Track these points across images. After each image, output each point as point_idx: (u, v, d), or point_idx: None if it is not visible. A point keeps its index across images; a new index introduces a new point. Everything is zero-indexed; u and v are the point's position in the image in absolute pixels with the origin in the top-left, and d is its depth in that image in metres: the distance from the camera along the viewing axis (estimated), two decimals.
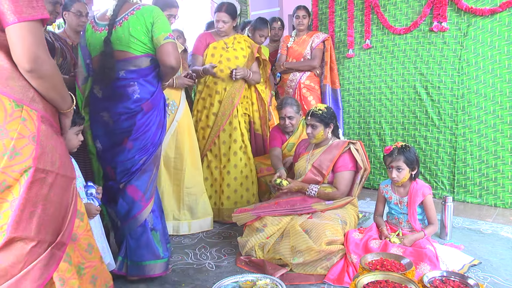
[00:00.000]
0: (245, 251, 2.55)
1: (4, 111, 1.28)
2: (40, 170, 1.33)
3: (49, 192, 1.36)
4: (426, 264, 2.16)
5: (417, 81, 3.76)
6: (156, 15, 2.16)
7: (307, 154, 2.85)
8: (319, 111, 2.74)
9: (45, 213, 1.36)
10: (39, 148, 1.33)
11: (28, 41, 1.25)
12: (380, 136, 4.05)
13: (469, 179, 3.57)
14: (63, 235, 1.42)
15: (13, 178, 1.29)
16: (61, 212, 1.42)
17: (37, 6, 1.26)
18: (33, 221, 1.33)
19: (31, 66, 1.28)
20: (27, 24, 1.24)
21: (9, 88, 1.30)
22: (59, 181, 1.39)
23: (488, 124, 3.44)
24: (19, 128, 1.30)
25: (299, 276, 2.32)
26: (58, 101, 1.43)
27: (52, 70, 1.33)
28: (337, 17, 4.21)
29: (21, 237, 1.32)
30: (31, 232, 1.33)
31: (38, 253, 1.35)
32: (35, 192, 1.33)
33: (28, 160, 1.30)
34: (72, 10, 2.87)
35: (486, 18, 3.37)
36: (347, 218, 2.53)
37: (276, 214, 2.57)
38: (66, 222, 1.43)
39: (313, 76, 3.94)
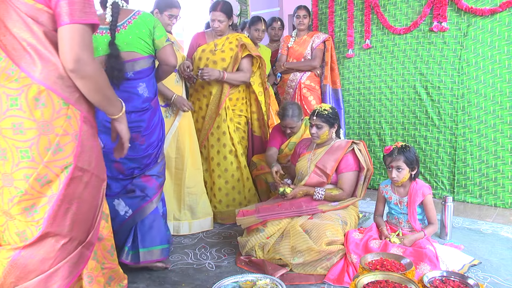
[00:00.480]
0: (245, 251, 2.54)
1: (53, 108, 1.37)
2: (79, 168, 1.41)
3: (84, 190, 1.44)
4: (426, 264, 2.16)
5: (417, 81, 3.76)
6: (155, 20, 2.32)
7: (308, 154, 2.83)
8: (325, 111, 2.72)
9: (79, 211, 1.43)
10: (79, 147, 1.41)
11: (75, 42, 1.32)
12: (380, 136, 4.05)
13: (469, 179, 3.57)
14: (92, 235, 1.49)
15: (55, 174, 1.37)
16: (92, 211, 1.49)
17: (89, 12, 1.36)
18: (67, 218, 1.40)
19: (74, 66, 1.33)
20: (77, 26, 1.33)
21: (59, 86, 1.37)
22: (93, 181, 1.47)
23: (488, 124, 3.44)
24: (64, 125, 1.38)
25: (299, 276, 2.32)
26: (104, 105, 1.50)
27: (95, 72, 1.39)
28: (337, 17, 4.21)
29: (54, 233, 1.38)
30: (64, 228, 1.40)
31: (68, 251, 1.42)
32: (73, 189, 1.40)
33: (70, 157, 1.39)
34: None
35: (486, 18, 3.37)
36: (347, 218, 2.53)
37: (282, 217, 2.54)
38: (95, 222, 1.50)
39: (313, 76, 3.94)
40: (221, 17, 3.13)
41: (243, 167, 3.27)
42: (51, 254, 1.39)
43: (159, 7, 2.93)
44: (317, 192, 2.67)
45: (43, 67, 1.34)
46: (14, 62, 1.34)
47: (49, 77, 1.35)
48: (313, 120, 2.74)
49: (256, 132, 3.44)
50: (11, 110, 1.34)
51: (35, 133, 1.34)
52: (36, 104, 1.34)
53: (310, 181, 2.73)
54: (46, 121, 1.35)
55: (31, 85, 1.34)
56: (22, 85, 1.34)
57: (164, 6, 2.92)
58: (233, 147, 3.23)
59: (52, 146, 1.36)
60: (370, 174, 2.75)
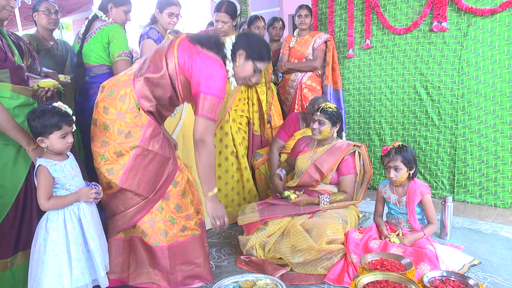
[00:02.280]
0: (246, 250, 2.54)
1: (128, 104, 1.99)
2: (144, 149, 1.99)
3: (149, 164, 2.01)
4: (426, 264, 2.16)
5: (417, 81, 3.76)
6: (112, 35, 2.66)
7: (309, 152, 2.83)
8: (329, 109, 2.74)
9: (144, 177, 2.02)
10: (145, 135, 1.99)
11: (203, 129, 1.97)
12: (380, 136, 4.05)
13: (469, 179, 3.57)
14: (155, 194, 2.06)
15: (125, 150, 1.98)
16: (157, 179, 2.05)
17: (216, 112, 1.96)
18: (135, 180, 2.01)
19: (197, 142, 1.99)
20: (204, 118, 1.95)
21: (145, 97, 2.00)
22: (158, 158, 2.03)
23: (488, 124, 3.44)
24: (135, 119, 1.99)
25: (299, 276, 2.32)
26: (202, 177, 2.07)
27: (206, 154, 2.01)
28: (337, 17, 4.21)
29: (126, 188, 2.02)
30: (133, 186, 2.01)
31: (137, 201, 2.05)
32: (138, 162, 2.00)
33: (137, 141, 1.98)
34: (41, 9, 2.85)
35: (486, 18, 3.37)
36: (348, 217, 2.53)
37: (282, 216, 2.53)
38: (159, 185, 2.05)
39: (314, 76, 3.93)
40: (225, 18, 3.12)
41: (243, 168, 3.26)
42: (124, 201, 2.05)
43: (159, 6, 2.93)
44: (322, 200, 2.64)
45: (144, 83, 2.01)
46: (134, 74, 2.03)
47: (145, 94, 2.00)
48: (316, 115, 2.75)
49: (256, 131, 3.44)
50: (107, 97, 2.02)
51: (113, 116, 1.99)
52: (120, 99, 1.99)
53: (303, 178, 2.74)
54: (122, 112, 1.98)
55: (126, 88, 2.00)
56: (123, 85, 2.02)
57: (163, 5, 2.92)
58: (235, 148, 3.23)
59: (125, 132, 1.97)
60: (369, 177, 2.75)
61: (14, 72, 1.95)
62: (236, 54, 2.05)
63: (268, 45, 2.19)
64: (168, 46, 2.01)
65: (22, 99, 1.97)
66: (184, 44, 2.00)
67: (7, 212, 1.91)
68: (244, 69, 2.07)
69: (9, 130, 1.81)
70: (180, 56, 1.96)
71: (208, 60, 1.96)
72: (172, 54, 1.97)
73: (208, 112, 1.93)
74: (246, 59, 2.06)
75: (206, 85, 1.91)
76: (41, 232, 1.81)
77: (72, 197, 1.86)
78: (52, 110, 1.80)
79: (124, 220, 2.08)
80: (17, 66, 1.99)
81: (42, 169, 1.80)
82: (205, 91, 1.91)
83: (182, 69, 1.96)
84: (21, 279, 1.95)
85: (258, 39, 2.16)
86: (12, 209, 1.92)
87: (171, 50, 1.98)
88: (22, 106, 1.97)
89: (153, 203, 2.06)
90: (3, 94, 1.90)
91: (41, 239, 1.80)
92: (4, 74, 1.91)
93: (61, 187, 1.85)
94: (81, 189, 1.89)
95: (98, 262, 1.88)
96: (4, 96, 1.90)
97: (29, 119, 1.80)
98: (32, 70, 2.55)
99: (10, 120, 1.81)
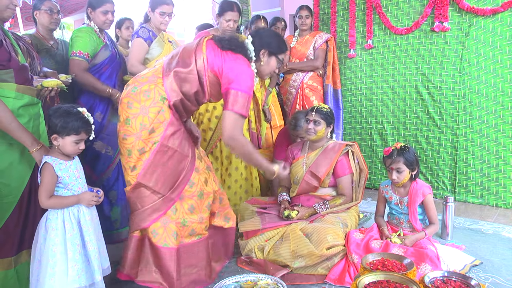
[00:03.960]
0: (244, 253, 2.55)
1: (153, 98, 2.03)
2: (164, 145, 2.01)
3: (168, 160, 2.03)
4: (427, 264, 2.15)
5: (419, 81, 3.76)
6: (71, 38, 2.72)
7: (302, 158, 2.80)
8: (324, 109, 2.73)
9: (163, 173, 2.02)
10: (166, 131, 2.02)
11: (232, 124, 2.03)
12: (382, 136, 4.05)
13: (470, 179, 3.57)
14: (172, 193, 2.05)
15: (148, 146, 2.01)
16: (175, 176, 2.06)
17: (246, 108, 2.03)
18: (153, 176, 2.02)
19: (228, 141, 2.05)
20: (234, 113, 2.01)
21: (173, 90, 2.04)
22: (177, 155, 2.05)
23: (489, 124, 3.44)
24: (158, 115, 2.02)
25: (300, 276, 2.32)
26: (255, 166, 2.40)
27: (241, 148, 2.09)
28: (339, 17, 4.21)
29: (144, 185, 2.03)
30: (150, 182, 2.02)
31: (153, 199, 2.04)
32: (158, 159, 2.01)
33: (158, 137, 2.01)
34: (43, 8, 2.82)
35: (488, 18, 3.37)
36: (348, 220, 2.52)
37: (283, 225, 2.52)
38: (177, 183, 2.06)
39: (316, 76, 3.93)
40: (237, 17, 3.13)
41: (251, 166, 3.27)
42: (141, 199, 2.05)
43: (151, 5, 2.93)
44: (319, 209, 2.63)
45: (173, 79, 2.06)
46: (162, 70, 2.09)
47: (173, 88, 2.04)
48: (311, 116, 2.72)
49: (254, 128, 3.44)
50: (131, 93, 2.06)
51: (136, 110, 2.02)
52: (143, 93, 2.03)
53: (301, 187, 2.73)
54: (145, 106, 2.01)
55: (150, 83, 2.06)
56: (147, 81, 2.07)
57: (155, 4, 2.91)
58: None
59: (149, 128, 2.00)
60: (366, 174, 2.74)
61: (18, 72, 1.95)
62: (259, 54, 2.17)
63: (280, 35, 2.32)
64: (197, 44, 2.11)
65: (26, 99, 1.97)
66: (212, 44, 2.10)
67: (12, 211, 1.92)
68: (270, 65, 2.22)
69: (13, 131, 1.81)
70: (209, 54, 2.06)
71: (238, 59, 2.07)
72: (201, 51, 2.06)
73: (239, 108, 2.00)
74: (269, 56, 2.19)
75: (237, 83, 2.01)
76: (41, 231, 1.81)
77: (73, 199, 1.85)
78: (77, 114, 1.83)
79: (141, 217, 2.08)
80: (22, 66, 1.99)
81: (47, 166, 1.79)
82: (236, 87, 2.00)
83: (211, 67, 2.05)
84: (25, 277, 1.95)
85: (271, 33, 2.26)
86: (16, 208, 1.92)
87: (200, 48, 2.08)
88: (26, 106, 1.97)
89: (170, 202, 2.06)
90: (8, 94, 1.90)
91: (41, 238, 1.80)
92: (9, 74, 1.91)
93: (64, 187, 1.84)
94: (83, 192, 1.88)
95: (95, 266, 1.85)
96: (8, 96, 1.90)
97: (52, 115, 1.81)
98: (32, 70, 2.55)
99: (13, 120, 1.81)
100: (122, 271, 2.13)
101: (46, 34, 2.90)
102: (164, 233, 2.06)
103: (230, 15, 3.12)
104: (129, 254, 2.11)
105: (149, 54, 2.95)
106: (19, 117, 1.88)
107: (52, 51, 2.90)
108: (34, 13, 2.85)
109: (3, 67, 1.88)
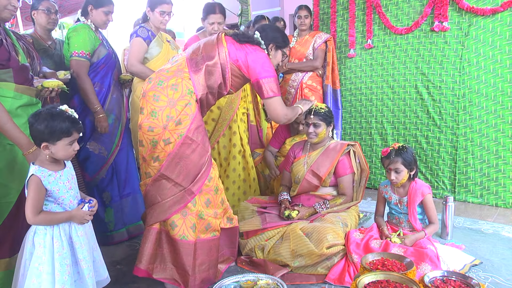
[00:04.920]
0: (245, 252, 2.55)
1: (181, 92, 2.11)
2: (189, 138, 2.08)
3: (191, 154, 2.09)
4: (427, 264, 2.16)
5: (419, 80, 3.76)
6: (69, 35, 2.72)
7: (303, 158, 2.80)
8: (322, 110, 2.70)
9: (185, 166, 2.08)
10: (192, 125, 2.09)
11: (280, 105, 2.29)
12: (382, 136, 4.05)
13: (470, 179, 3.57)
14: (194, 186, 2.10)
15: (173, 138, 2.07)
16: (196, 170, 2.11)
17: (278, 88, 2.26)
18: (176, 168, 2.08)
19: (284, 121, 2.34)
20: (275, 98, 2.26)
21: (200, 85, 2.15)
22: (199, 149, 2.12)
23: (489, 123, 3.44)
24: (185, 107, 2.10)
25: (300, 276, 2.32)
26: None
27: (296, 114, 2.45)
28: (339, 17, 4.21)
29: (166, 176, 2.08)
30: (173, 174, 2.08)
31: (174, 191, 2.10)
32: (183, 151, 2.08)
33: (184, 129, 2.08)
34: (41, 8, 2.80)
35: (487, 18, 3.37)
36: (348, 220, 2.52)
37: (284, 225, 2.53)
38: (198, 177, 2.10)
39: (315, 76, 3.93)
40: (221, 19, 3.11)
41: (250, 167, 3.26)
42: (162, 191, 2.10)
43: (150, 5, 2.93)
44: (319, 209, 2.63)
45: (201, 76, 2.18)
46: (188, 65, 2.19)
47: (201, 83, 2.16)
48: (310, 119, 2.69)
49: (252, 121, 3.44)
50: (157, 86, 2.13)
51: (163, 103, 2.09)
52: (171, 87, 2.11)
53: (302, 186, 2.73)
54: (173, 99, 2.09)
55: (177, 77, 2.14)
56: (173, 75, 2.15)
57: (154, 3, 2.91)
58: (242, 147, 3.23)
59: (176, 120, 2.07)
60: (367, 174, 2.74)
61: (17, 71, 1.94)
62: (268, 48, 2.35)
63: (282, 30, 2.54)
64: (217, 39, 2.27)
65: (25, 99, 1.96)
66: (231, 39, 2.28)
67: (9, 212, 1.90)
68: (276, 58, 2.41)
69: (8, 131, 1.77)
70: (230, 48, 2.23)
71: (257, 50, 2.27)
72: (222, 45, 2.23)
73: (274, 91, 2.23)
74: (276, 49, 2.39)
75: (263, 71, 2.22)
76: (28, 245, 1.65)
77: (64, 216, 1.67)
78: (61, 114, 1.63)
79: (161, 209, 2.11)
80: (21, 65, 1.98)
81: (34, 179, 1.60)
82: (264, 75, 2.21)
83: (233, 59, 2.21)
84: None
85: (275, 28, 2.45)
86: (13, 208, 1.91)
87: (221, 42, 2.24)
88: (25, 106, 1.96)
89: (191, 195, 2.10)
90: (6, 94, 1.89)
91: (27, 252, 1.64)
92: (8, 74, 1.90)
93: (54, 200, 1.67)
94: (76, 209, 1.71)
95: (89, 284, 1.70)
96: (7, 95, 1.89)
97: (34, 122, 1.61)
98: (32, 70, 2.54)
99: (9, 121, 1.76)
100: (140, 267, 2.14)
101: (44, 34, 2.89)
102: (183, 225, 2.10)
103: (213, 18, 3.09)
104: (147, 248, 2.13)
105: (148, 54, 2.95)
106: (17, 117, 1.87)
107: (50, 51, 2.90)
108: (32, 13, 2.84)
109: (2, 67, 1.87)
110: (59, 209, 1.69)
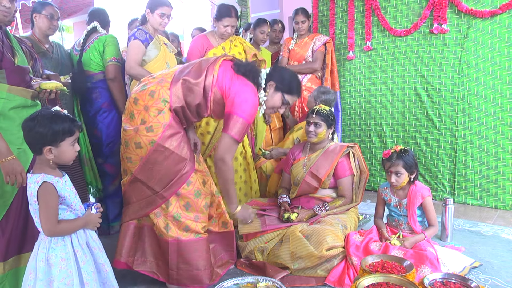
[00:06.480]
0: (244, 254, 2.55)
1: (156, 99, 2.12)
2: (161, 145, 2.09)
3: (164, 160, 2.10)
4: (427, 266, 2.16)
5: (418, 83, 3.76)
6: (106, 43, 3.00)
7: (303, 159, 2.80)
8: (324, 111, 2.72)
9: (157, 171, 2.11)
10: (164, 133, 2.09)
11: (226, 147, 2.15)
12: (381, 138, 4.05)
13: (469, 181, 3.57)
14: (166, 191, 2.13)
15: (144, 143, 2.09)
16: (170, 175, 2.13)
17: (242, 135, 2.13)
18: (148, 173, 2.12)
19: (218, 161, 2.18)
20: (230, 138, 2.12)
21: (176, 97, 2.13)
22: (173, 156, 2.11)
23: (488, 125, 3.44)
24: (158, 115, 2.10)
25: (300, 278, 2.32)
26: (223, 195, 2.35)
27: (226, 171, 2.20)
28: (338, 19, 4.22)
29: (139, 179, 2.14)
30: (145, 178, 2.13)
31: (147, 194, 2.16)
32: (155, 157, 2.10)
33: (156, 136, 2.08)
34: (44, 12, 2.79)
35: (486, 20, 3.38)
36: (347, 222, 2.52)
37: (283, 227, 2.52)
38: (171, 183, 2.12)
39: (314, 78, 3.94)
40: (235, 23, 3.15)
41: (251, 169, 3.26)
42: (138, 194, 2.17)
43: (150, 6, 2.94)
44: (318, 211, 2.63)
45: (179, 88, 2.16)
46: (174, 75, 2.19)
47: (177, 95, 2.13)
48: (312, 118, 2.72)
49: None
50: (139, 90, 2.18)
51: (140, 107, 2.13)
52: (149, 93, 2.14)
53: (301, 187, 2.73)
54: (147, 106, 2.12)
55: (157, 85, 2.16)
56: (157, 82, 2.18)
57: (154, 5, 2.92)
58: (244, 148, 3.23)
59: (147, 126, 2.09)
60: (366, 176, 2.74)
61: (11, 72, 1.90)
62: (267, 85, 2.25)
63: (299, 81, 2.39)
64: (213, 60, 2.21)
65: (18, 100, 1.92)
66: (227, 65, 2.21)
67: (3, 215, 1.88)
68: (273, 99, 2.27)
69: None
70: (220, 73, 2.16)
71: (245, 86, 2.16)
72: (213, 69, 2.16)
73: (236, 133, 2.10)
74: (276, 90, 2.26)
75: (240, 109, 2.10)
76: (40, 265, 1.52)
77: (81, 222, 1.62)
78: (59, 114, 1.58)
79: (134, 209, 2.21)
80: (17, 67, 1.94)
81: (48, 187, 1.51)
82: (239, 113, 2.10)
83: (219, 86, 2.14)
84: (13, 285, 1.92)
85: (291, 74, 2.33)
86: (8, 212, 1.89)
87: (213, 65, 2.18)
88: (18, 108, 1.92)
89: (162, 199, 2.14)
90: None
91: (40, 273, 1.51)
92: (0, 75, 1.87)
93: (66, 208, 1.61)
94: (88, 214, 1.67)
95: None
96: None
97: (33, 126, 1.53)
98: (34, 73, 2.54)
99: None
100: (119, 259, 2.22)
101: (42, 37, 2.87)
102: (158, 224, 2.16)
103: (228, 21, 3.12)
104: (126, 241, 2.22)
105: (146, 56, 2.96)
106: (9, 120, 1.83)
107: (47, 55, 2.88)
108: (33, 15, 2.82)
109: None
110: (72, 216, 1.62)
